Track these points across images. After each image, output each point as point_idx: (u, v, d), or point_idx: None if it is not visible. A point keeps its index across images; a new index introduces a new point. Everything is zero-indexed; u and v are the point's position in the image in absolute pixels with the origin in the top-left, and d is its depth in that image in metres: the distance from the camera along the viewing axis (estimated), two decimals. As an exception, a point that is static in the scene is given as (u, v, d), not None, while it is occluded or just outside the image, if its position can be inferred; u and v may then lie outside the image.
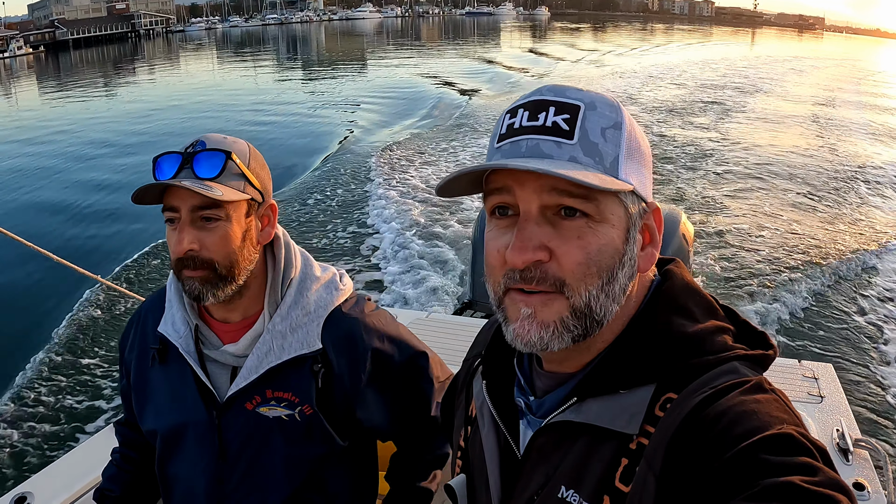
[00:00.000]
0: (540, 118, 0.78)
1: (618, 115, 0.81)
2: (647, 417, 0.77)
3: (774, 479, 0.63)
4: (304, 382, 1.40)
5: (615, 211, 0.79)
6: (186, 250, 1.30)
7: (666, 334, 0.81)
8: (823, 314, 6.64)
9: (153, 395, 1.49)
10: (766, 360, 0.82)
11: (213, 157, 1.31)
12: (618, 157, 0.79)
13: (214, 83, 34.37)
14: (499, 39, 62.34)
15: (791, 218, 9.57)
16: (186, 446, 1.46)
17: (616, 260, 0.79)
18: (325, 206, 10.58)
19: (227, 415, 1.41)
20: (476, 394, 1.02)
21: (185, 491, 1.50)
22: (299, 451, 1.43)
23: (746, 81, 26.30)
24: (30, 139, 19.03)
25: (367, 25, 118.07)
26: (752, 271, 7.53)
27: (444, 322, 3.05)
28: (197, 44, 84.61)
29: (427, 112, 18.98)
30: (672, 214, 3.80)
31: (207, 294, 1.33)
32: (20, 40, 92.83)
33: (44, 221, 10.90)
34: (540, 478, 0.85)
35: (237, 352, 1.41)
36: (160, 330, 1.45)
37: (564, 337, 0.78)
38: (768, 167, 12.58)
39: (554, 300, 0.78)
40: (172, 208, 1.31)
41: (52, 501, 1.89)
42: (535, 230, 0.77)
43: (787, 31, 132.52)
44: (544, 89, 0.82)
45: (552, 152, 0.77)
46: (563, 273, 0.77)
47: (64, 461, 2.09)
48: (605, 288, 0.78)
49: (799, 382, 2.46)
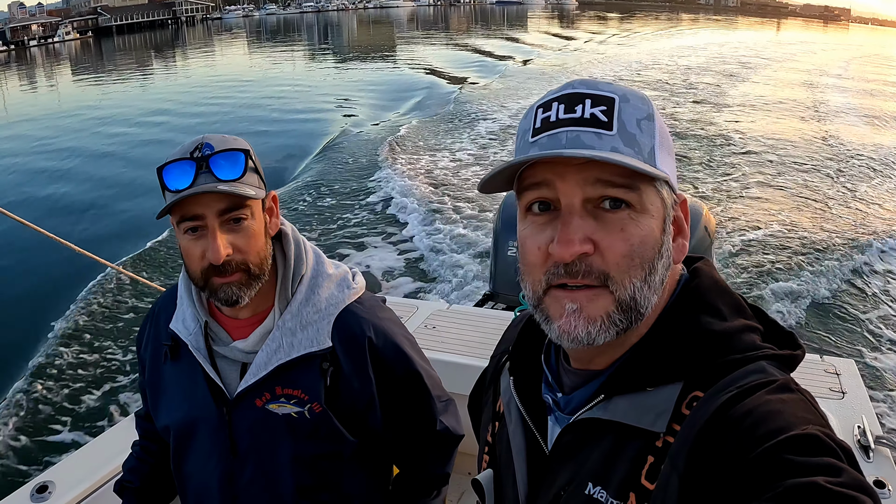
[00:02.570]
0: (577, 110, 0.76)
1: (649, 106, 0.80)
2: (674, 416, 0.75)
3: (798, 480, 0.61)
4: (314, 380, 1.37)
5: (654, 201, 0.77)
6: (225, 255, 1.24)
7: (694, 332, 0.79)
8: (846, 309, 6.45)
9: (166, 392, 1.47)
10: (794, 361, 0.80)
11: (231, 157, 1.26)
12: (653, 147, 0.78)
13: (247, 70, 34.65)
14: (526, 26, 61.72)
15: (811, 208, 9.34)
16: (198, 442, 1.44)
17: (656, 251, 0.77)
18: (338, 193, 10.47)
19: (237, 411, 1.38)
20: (503, 390, 0.99)
21: (198, 486, 1.47)
22: (309, 449, 1.40)
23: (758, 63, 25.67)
24: (71, 124, 19.33)
25: (401, 14, 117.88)
26: (772, 265, 7.34)
27: (464, 313, 2.98)
28: (234, 31, 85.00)
29: (438, 101, 18.74)
30: (695, 206, 3.70)
31: (244, 297, 1.29)
32: (68, 26, 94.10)
33: (61, 208, 11.03)
34: (567, 474, 0.83)
35: (247, 348, 1.37)
36: (171, 327, 1.42)
37: (611, 331, 0.76)
38: (786, 156, 12.32)
39: (599, 295, 0.76)
40: (196, 217, 1.24)
41: (73, 490, 1.88)
42: (580, 223, 0.75)
43: (812, 21, 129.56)
44: (575, 83, 0.80)
45: (594, 143, 0.75)
46: (608, 266, 0.75)
47: (84, 451, 2.09)
48: (647, 279, 0.77)
49: (821, 378, 2.39)
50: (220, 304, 1.32)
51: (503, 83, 21.61)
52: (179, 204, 1.23)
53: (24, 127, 20.08)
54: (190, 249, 1.27)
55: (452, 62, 28.47)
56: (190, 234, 1.26)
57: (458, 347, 2.61)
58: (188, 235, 1.26)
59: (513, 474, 0.92)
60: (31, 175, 13.59)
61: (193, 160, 1.24)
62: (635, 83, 21.47)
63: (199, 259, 1.26)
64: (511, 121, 15.16)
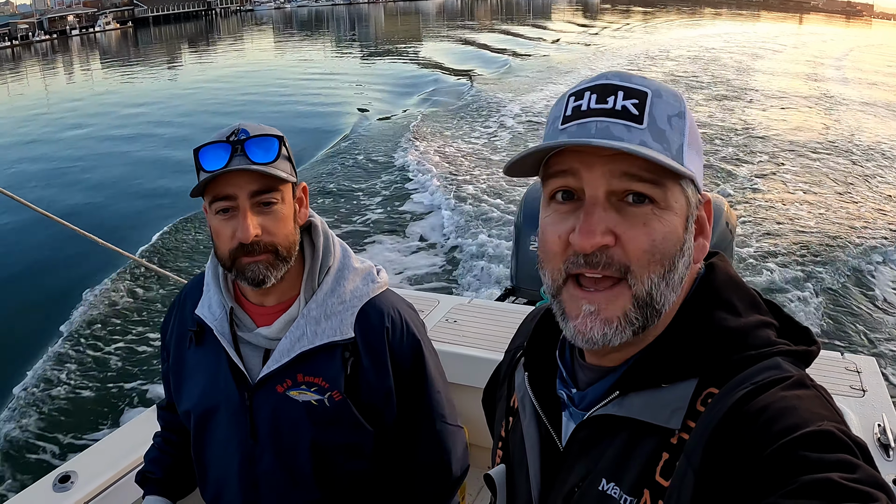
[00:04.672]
0: (609, 101, 0.74)
1: (681, 104, 0.78)
2: (689, 412, 0.74)
3: (812, 476, 0.60)
4: (335, 369, 1.37)
5: (678, 199, 0.75)
6: (254, 235, 1.25)
7: (709, 328, 0.77)
8: (867, 306, 6.31)
9: (189, 376, 1.47)
10: (809, 356, 0.78)
11: (265, 142, 1.28)
12: (682, 145, 0.76)
13: (274, 61, 34.88)
14: (550, 18, 61.13)
15: (833, 204, 9.13)
16: (219, 426, 1.43)
17: (677, 248, 0.75)
18: (358, 183, 10.39)
19: (258, 396, 1.38)
20: (518, 385, 0.97)
21: (218, 471, 1.47)
22: (328, 437, 1.39)
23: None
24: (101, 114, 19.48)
25: (430, 6, 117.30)
26: (792, 261, 7.19)
27: (486, 308, 2.94)
28: (266, 23, 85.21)
29: (456, 92, 18.59)
30: (716, 202, 3.63)
31: (270, 277, 1.30)
32: (108, 16, 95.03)
33: (80, 198, 11.05)
34: (581, 470, 0.82)
35: (270, 335, 1.37)
36: (197, 312, 1.43)
37: (627, 331, 0.75)
38: (804, 148, 12.08)
39: (618, 294, 0.74)
40: (228, 197, 1.26)
41: (95, 480, 1.87)
42: (603, 215, 0.73)
43: (834, 17, 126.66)
44: (610, 74, 0.78)
45: (623, 135, 0.73)
46: (629, 259, 0.73)
47: (106, 442, 2.09)
48: (666, 276, 0.75)
49: (841, 375, 2.32)
50: (246, 283, 1.32)
51: (523, 75, 21.45)
52: (213, 184, 1.26)
53: (66, 113, 20.33)
54: (220, 229, 1.28)
55: (472, 56, 28.23)
56: (221, 215, 1.28)
57: (478, 341, 2.57)
58: (220, 216, 1.28)
59: (526, 470, 0.90)
60: (61, 165, 13.70)
61: (229, 143, 1.26)
62: (653, 72, 21.18)
63: (229, 239, 1.27)
64: (530, 114, 15.00)
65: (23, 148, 15.31)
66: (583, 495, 0.81)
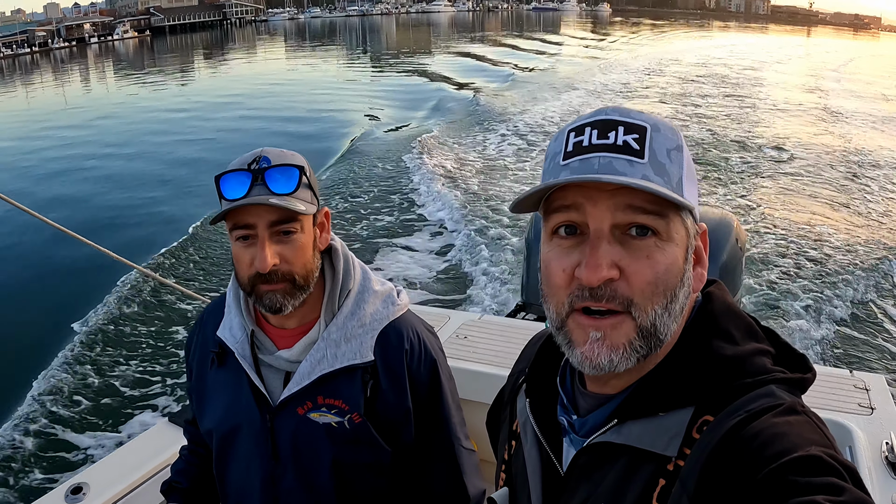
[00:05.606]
0: (610, 137, 0.75)
1: (678, 137, 0.79)
2: (685, 440, 0.75)
3: (801, 499, 0.61)
4: (355, 391, 1.37)
5: (679, 230, 0.77)
6: (272, 265, 1.25)
7: (706, 357, 0.78)
8: (877, 323, 6.21)
9: (211, 397, 1.47)
10: (805, 384, 0.79)
11: (286, 172, 1.27)
12: (681, 177, 0.77)
13: (286, 71, 35.06)
14: (559, 30, 61.30)
15: (841, 219, 9.06)
16: (241, 447, 1.43)
17: (678, 279, 0.77)
18: (367, 197, 10.31)
19: (280, 418, 1.38)
20: (520, 410, 0.98)
21: (240, 490, 1.47)
22: (348, 458, 1.39)
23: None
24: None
25: (442, 18, 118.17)
26: (800, 278, 7.11)
27: (496, 324, 2.92)
28: (280, 34, 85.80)
29: (464, 105, 18.54)
30: (726, 219, 3.60)
31: (287, 305, 1.30)
32: (126, 25, 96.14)
33: (87, 208, 11.01)
34: (582, 495, 0.83)
35: (291, 357, 1.37)
36: (219, 334, 1.43)
37: (632, 358, 0.76)
38: (814, 164, 11.97)
39: (622, 323, 0.75)
40: (248, 226, 1.26)
41: (107, 492, 1.86)
42: (608, 248, 0.74)
43: (842, 30, 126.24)
44: (608, 109, 0.79)
45: (625, 170, 0.73)
46: (632, 292, 0.74)
47: (118, 454, 2.07)
48: (668, 307, 0.76)
49: (850, 393, 2.29)
50: (264, 310, 1.33)
51: (531, 87, 21.46)
52: (233, 212, 1.26)
53: (79, 120, 20.48)
54: (240, 256, 1.29)
55: (480, 69, 28.28)
56: (241, 242, 1.28)
57: (489, 357, 2.55)
58: (239, 242, 1.28)
59: (528, 494, 0.91)
60: (77, 176, 13.70)
61: (250, 172, 1.26)
62: (661, 82, 21.20)
63: (248, 266, 1.28)
64: (538, 126, 15.00)
65: (41, 159, 15.37)
66: None
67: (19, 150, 16.23)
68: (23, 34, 77.94)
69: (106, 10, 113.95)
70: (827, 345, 5.74)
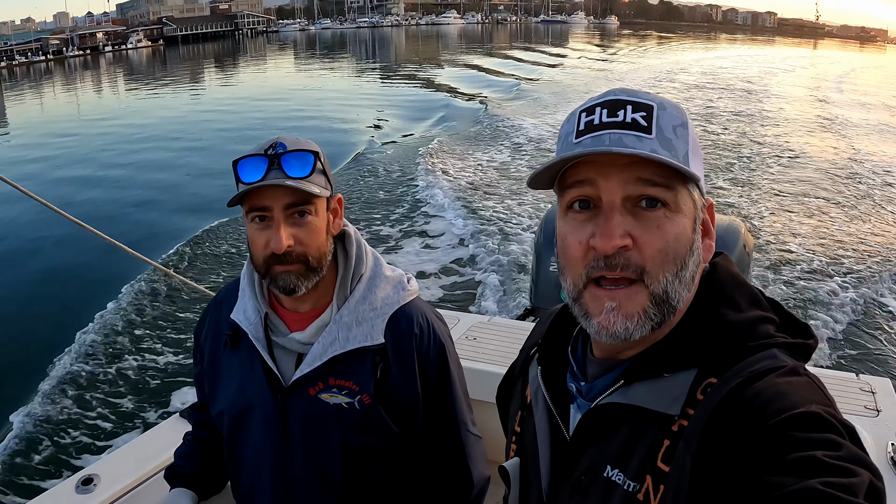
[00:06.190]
0: (619, 115, 0.79)
1: (683, 115, 0.83)
2: (689, 401, 0.77)
3: (799, 454, 0.63)
4: (365, 373, 1.39)
5: (687, 202, 0.80)
6: (287, 246, 1.28)
7: (710, 323, 0.81)
8: (882, 328, 6.18)
9: (224, 379, 1.48)
10: (807, 350, 0.81)
11: (301, 157, 1.31)
12: (687, 152, 0.80)
13: (295, 81, 35.29)
14: (567, 43, 61.47)
15: (848, 225, 9.02)
16: (253, 428, 1.45)
17: (688, 248, 0.80)
18: (375, 203, 10.32)
19: (291, 399, 1.40)
20: (531, 380, 1.00)
21: (251, 472, 1.48)
22: (357, 439, 1.41)
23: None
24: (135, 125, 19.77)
25: (451, 30, 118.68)
26: (807, 282, 7.09)
27: (505, 326, 2.93)
28: (291, 44, 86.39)
29: (472, 115, 18.56)
30: (734, 225, 3.61)
31: (301, 286, 1.33)
32: (140, 34, 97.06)
33: (105, 204, 11.16)
34: (588, 459, 0.85)
35: (304, 339, 1.40)
36: (233, 317, 1.45)
37: (646, 325, 0.79)
38: (820, 170, 11.96)
39: (636, 293, 0.78)
40: (264, 208, 1.30)
41: (118, 484, 1.86)
42: (620, 219, 0.77)
43: (848, 42, 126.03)
44: (616, 91, 0.83)
45: (634, 145, 0.77)
46: (645, 260, 0.77)
47: (130, 446, 2.08)
48: (679, 274, 0.79)
49: (856, 396, 2.31)
50: (278, 291, 1.35)
51: (538, 98, 21.50)
52: (250, 195, 1.30)
53: (96, 124, 20.70)
54: (255, 238, 1.32)
55: (487, 80, 28.30)
56: (257, 223, 1.31)
57: (497, 358, 2.55)
58: (255, 224, 1.31)
59: (537, 461, 0.93)
60: (97, 173, 13.91)
61: (267, 157, 1.29)
62: (670, 93, 21.22)
63: (263, 247, 1.31)
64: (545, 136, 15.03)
65: (60, 158, 15.60)
66: (589, 483, 0.83)
67: (49, 151, 16.53)
68: (37, 42, 78.77)
69: (118, 19, 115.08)
70: (833, 348, 5.71)
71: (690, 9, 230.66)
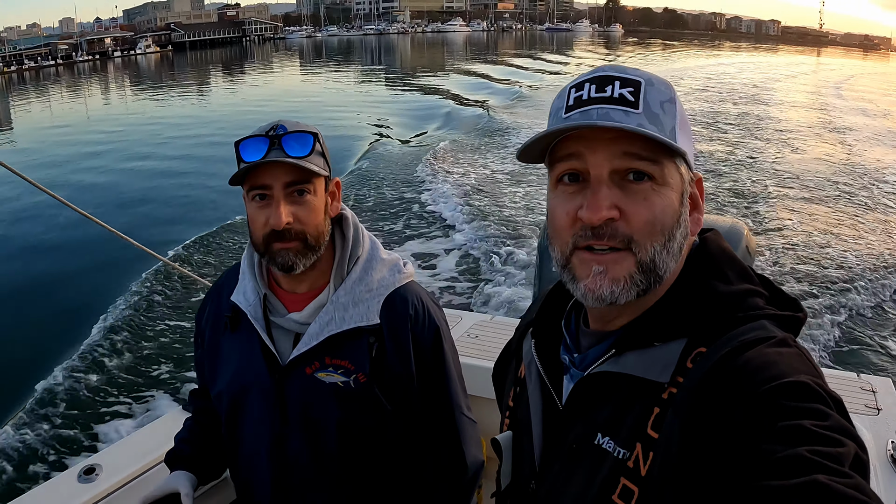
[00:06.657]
0: (607, 90, 0.80)
1: (671, 91, 0.84)
2: (679, 369, 0.78)
3: (787, 422, 0.64)
4: (361, 353, 1.41)
5: (674, 176, 0.81)
6: (286, 223, 1.30)
7: (700, 293, 0.82)
8: (883, 328, 6.18)
9: (224, 360, 1.50)
10: (797, 323, 0.82)
11: (301, 137, 1.33)
12: (674, 127, 0.81)
13: (301, 87, 35.53)
14: (571, 51, 61.59)
15: (849, 226, 9.01)
16: (250, 408, 1.46)
17: (675, 220, 0.81)
18: (378, 204, 10.34)
19: (288, 378, 1.41)
20: (525, 353, 1.01)
21: (249, 452, 1.49)
22: (353, 418, 1.42)
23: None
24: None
25: (457, 38, 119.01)
26: (809, 283, 7.09)
27: (507, 324, 2.91)
28: (297, 51, 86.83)
29: (475, 120, 18.58)
30: (736, 227, 3.58)
31: (299, 264, 1.35)
32: (148, 40, 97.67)
33: (117, 202, 11.28)
34: (579, 427, 0.86)
35: (301, 319, 1.42)
36: (233, 299, 1.47)
37: (632, 291, 0.79)
38: (819, 174, 11.95)
39: (623, 258, 0.79)
40: (264, 186, 1.32)
41: (120, 473, 1.85)
42: (608, 192, 0.78)
43: (852, 50, 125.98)
44: (605, 67, 0.83)
45: (622, 119, 0.78)
46: (632, 230, 0.78)
47: (132, 437, 2.08)
48: (667, 245, 0.80)
49: (856, 394, 2.29)
50: (277, 268, 1.37)
51: (538, 103, 21.54)
52: (251, 174, 1.32)
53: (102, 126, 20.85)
54: (255, 216, 1.34)
55: (491, 87, 28.36)
56: (257, 202, 1.33)
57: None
58: (255, 202, 1.34)
59: (530, 432, 0.94)
60: (107, 171, 14.05)
61: (268, 137, 1.32)
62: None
63: (263, 225, 1.33)
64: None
65: (76, 156, 15.79)
66: (580, 451, 0.84)
67: (67, 152, 16.73)
68: (46, 46, 79.35)
69: (126, 25, 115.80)
70: (835, 348, 5.72)
71: (694, 17, 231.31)
